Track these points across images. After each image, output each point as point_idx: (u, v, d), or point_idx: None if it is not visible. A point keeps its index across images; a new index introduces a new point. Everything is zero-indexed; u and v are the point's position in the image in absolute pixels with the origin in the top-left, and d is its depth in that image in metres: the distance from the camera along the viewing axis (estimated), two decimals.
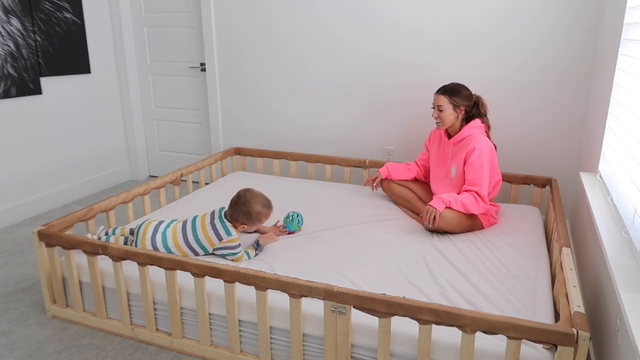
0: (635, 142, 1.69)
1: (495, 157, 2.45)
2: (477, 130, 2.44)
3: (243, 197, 2.09)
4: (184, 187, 3.90)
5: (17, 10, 3.12)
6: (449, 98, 2.44)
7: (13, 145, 3.21)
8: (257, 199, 2.10)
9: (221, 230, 2.04)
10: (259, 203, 2.09)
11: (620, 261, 1.49)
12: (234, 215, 2.08)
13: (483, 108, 2.51)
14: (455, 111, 2.46)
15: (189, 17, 3.76)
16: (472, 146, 2.37)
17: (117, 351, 1.95)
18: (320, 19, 3.29)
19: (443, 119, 2.47)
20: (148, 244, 2.06)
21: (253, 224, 2.11)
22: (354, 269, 2.00)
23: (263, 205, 2.11)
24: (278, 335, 1.79)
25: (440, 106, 2.46)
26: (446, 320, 1.45)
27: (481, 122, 2.47)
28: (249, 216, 2.07)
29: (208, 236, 2.05)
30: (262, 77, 3.59)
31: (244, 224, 2.09)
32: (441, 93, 2.47)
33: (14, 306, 2.28)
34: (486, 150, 2.37)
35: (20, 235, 3.06)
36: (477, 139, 2.39)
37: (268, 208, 2.13)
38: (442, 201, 2.30)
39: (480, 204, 2.34)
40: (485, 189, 2.36)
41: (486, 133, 2.47)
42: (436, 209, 2.27)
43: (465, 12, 2.94)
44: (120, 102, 4.05)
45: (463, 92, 2.46)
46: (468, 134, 2.43)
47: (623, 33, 2.06)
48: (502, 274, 1.98)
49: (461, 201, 2.31)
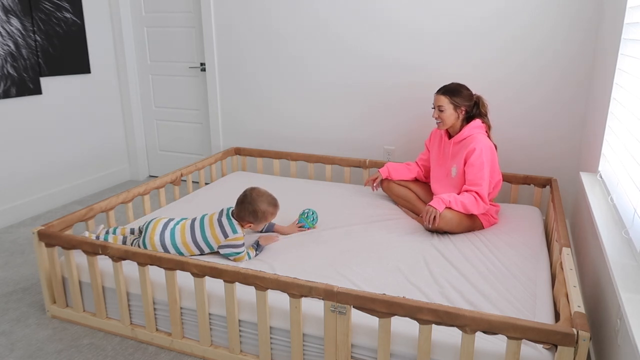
0: (635, 142, 1.69)
1: (495, 157, 2.45)
2: (477, 130, 2.44)
3: (249, 196, 2.10)
4: (184, 187, 3.90)
5: (17, 10, 3.12)
6: (450, 98, 2.44)
7: (13, 145, 3.21)
8: (262, 197, 2.11)
9: (227, 227, 2.06)
10: (265, 202, 2.11)
11: (620, 261, 1.49)
12: (240, 214, 2.10)
13: (484, 108, 2.51)
14: (456, 111, 2.46)
15: (189, 17, 3.76)
16: (472, 146, 2.37)
17: (117, 351, 1.95)
18: (320, 19, 3.29)
19: (443, 119, 2.47)
20: (156, 240, 2.06)
21: (259, 223, 2.13)
22: (354, 269, 2.00)
23: (269, 204, 2.12)
24: (278, 335, 1.79)
25: (441, 106, 2.46)
26: (446, 320, 1.45)
27: (482, 122, 2.47)
28: (255, 215, 2.09)
29: (215, 233, 2.06)
30: (262, 77, 3.59)
31: (250, 223, 2.11)
32: (442, 93, 2.47)
33: (14, 306, 2.28)
34: (487, 150, 2.37)
35: (20, 235, 3.06)
36: (477, 139, 2.39)
37: (274, 206, 2.15)
38: (442, 201, 2.30)
39: (481, 204, 2.34)
40: (486, 189, 2.36)
41: (487, 133, 2.47)
42: (436, 209, 2.27)
43: (464, 12, 2.94)
44: (120, 102, 4.05)
45: (464, 92, 2.46)
46: (468, 134, 2.43)
47: (623, 33, 2.06)
48: (502, 274, 1.98)
49: (461, 201, 2.31)
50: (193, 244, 2.07)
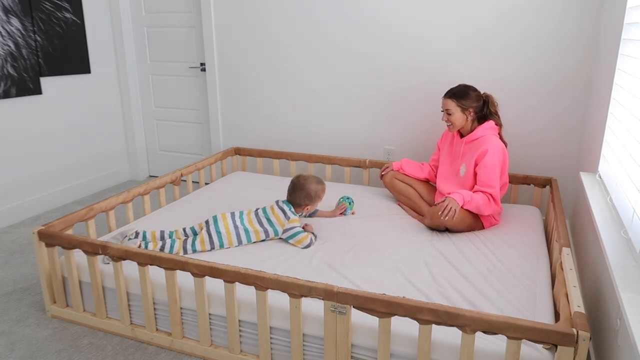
0: (634, 142, 1.69)
1: (506, 160, 2.45)
2: (490, 131, 2.43)
3: (298, 183, 2.32)
4: (184, 187, 3.90)
5: (17, 10, 3.12)
6: (457, 101, 2.44)
7: (13, 145, 3.21)
8: (309, 179, 2.33)
9: (288, 212, 2.27)
10: (314, 182, 2.32)
11: (620, 261, 1.49)
12: (295, 201, 2.31)
13: (493, 107, 2.49)
14: (464, 113, 2.45)
15: (189, 17, 3.76)
16: (484, 147, 2.37)
17: (117, 351, 1.95)
18: (320, 19, 3.29)
19: (453, 122, 2.47)
20: (230, 227, 2.20)
21: (314, 202, 2.33)
22: (354, 269, 2.00)
23: (317, 183, 2.33)
24: (278, 335, 1.79)
25: (449, 110, 2.46)
26: (446, 320, 1.45)
27: (495, 124, 2.47)
28: (309, 197, 2.30)
29: (278, 217, 2.25)
30: (262, 77, 3.59)
31: (306, 205, 2.32)
32: (448, 97, 2.47)
33: (14, 306, 2.28)
34: (499, 152, 2.38)
35: (20, 235, 3.06)
36: (489, 140, 2.38)
37: (322, 184, 2.35)
38: (463, 198, 2.30)
39: (492, 205, 2.35)
40: (498, 190, 2.36)
41: (499, 134, 2.47)
42: (458, 203, 2.28)
43: (465, 15, 2.94)
44: (120, 102, 4.05)
45: (471, 93, 2.45)
46: (481, 135, 2.43)
47: (623, 33, 2.06)
48: (502, 274, 1.98)
49: (476, 202, 2.32)
50: (260, 228, 2.24)
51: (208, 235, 2.17)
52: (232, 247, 2.20)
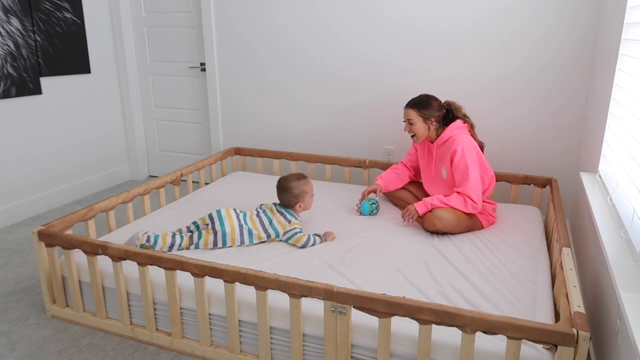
0: (634, 142, 1.69)
1: (481, 154, 2.43)
2: (459, 130, 2.42)
3: (279, 186, 2.34)
4: (184, 187, 3.90)
5: (17, 10, 3.12)
6: (418, 111, 2.45)
7: (13, 145, 3.21)
8: (289, 178, 2.34)
9: (288, 215, 2.30)
10: (293, 179, 2.33)
11: (620, 261, 1.49)
12: (286, 202, 2.33)
13: (458, 112, 2.49)
14: (426, 123, 2.46)
15: (189, 17, 3.76)
16: (454, 147, 2.37)
17: (117, 351, 1.95)
18: (321, 20, 3.29)
19: (415, 132, 2.48)
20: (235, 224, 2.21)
21: (303, 198, 2.34)
22: (354, 269, 2.00)
23: (297, 179, 2.34)
24: (278, 335, 1.79)
25: (410, 120, 2.47)
26: (446, 320, 1.45)
27: (463, 123, 2.46)
28: (295, 195, 2.32)
29: (280, 222, 2.28)
30: (262, 77, 3.59)
31: (298, 203, 2.33)
32: (410, 107, 2.47)
33: (14, 306, 2.28)
34: (469, 149, 2.36)
35: (20, 235, 3.06)
36: (458, 139, 2.38)
37: (303, 178, 2.36)
38: (425, 205, 2.35)
39: (469, 203, 2.32)
40: (474, 188, 2.33)
41: (470, 132, 2.46)
42: (417, 211, 2.35)
43: (464, 13, 2.94)
44: (120, 102, 4.05)
45: (432, 103, 2.46)
46: (450, 136, 2.43)
47: (623, 33, 2.06)
48: (502, 274, 1.98)
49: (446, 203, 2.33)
50: (262, 230, 2.25)
51: (213, 234, 2.18)
52: (234, 245, 2.21)
